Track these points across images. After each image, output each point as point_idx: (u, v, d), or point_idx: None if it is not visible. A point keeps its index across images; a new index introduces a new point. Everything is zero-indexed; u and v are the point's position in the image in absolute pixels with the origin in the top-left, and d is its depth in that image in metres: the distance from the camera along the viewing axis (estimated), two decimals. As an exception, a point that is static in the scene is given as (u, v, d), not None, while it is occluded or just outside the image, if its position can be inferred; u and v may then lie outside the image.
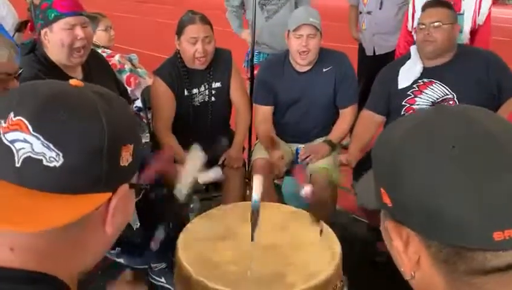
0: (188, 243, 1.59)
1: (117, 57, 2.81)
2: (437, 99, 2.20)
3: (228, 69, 2.43)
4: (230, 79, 2.44)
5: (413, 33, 2.88)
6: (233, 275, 1.44)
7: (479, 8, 2.68)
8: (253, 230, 1.44)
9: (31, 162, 0.55)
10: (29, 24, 3.79)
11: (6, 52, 1.28)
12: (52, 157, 0.55)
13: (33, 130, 0.55)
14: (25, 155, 0.55)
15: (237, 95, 2.50)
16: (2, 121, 0.57)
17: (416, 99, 2.25)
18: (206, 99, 2.41)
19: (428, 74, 2.23)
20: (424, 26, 2.17)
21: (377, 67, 3.24)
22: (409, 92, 2.25)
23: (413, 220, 0.54)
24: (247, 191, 2.47)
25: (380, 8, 3.39)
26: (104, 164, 0.58)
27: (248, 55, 3.27)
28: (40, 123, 0.56)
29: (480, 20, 2.67)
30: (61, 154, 0.56)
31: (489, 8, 2.70)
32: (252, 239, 1.44)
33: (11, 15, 3.60)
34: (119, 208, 0.63)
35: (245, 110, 2.54)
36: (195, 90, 2.39)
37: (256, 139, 2.80)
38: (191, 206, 2.58)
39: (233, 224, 1.72)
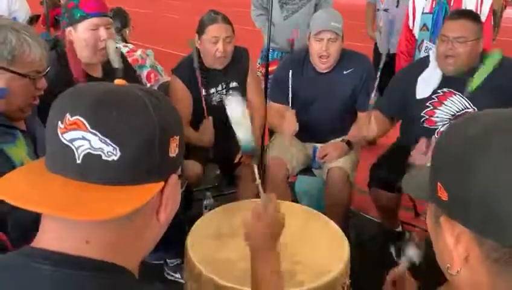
0: (197, 241, 1.60)
1: (139, 52, 2.84)
2: (457, 112, 2.13)
3: (245, 68, 2.45)
4: (246, 78, 2.46)
5: (414, 31, 2.86)
6: (243, 272, 1.43)
7: (481, 4, 2.65)
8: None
9: (91, 158, 0.59)
10: (40, 18, 3.84)
11: (39, 51, 1.31)
12: (110, 152, 0.59)
13: (91, 128, 0.59)
14: (85, 152, 0.59)
15: (253, 93, 2.52)
16: (59, 123, 0.60)
17: (435, 111, 2.18)
18: (223, 99, 2.44)
19: (448, 83, 2.14)
20: (446, 38, 2.04)
21: (390, 66, 3.26)
22: (428, 104, 2.18)
23: (471, 218, 0.53)
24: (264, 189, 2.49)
25: (397, 6, 3.37)
26: (156, 155, 0.62)
27: (263, 52, 3.29)
28: (97, 120, 0.59)
29: (482, 18, 2.63)
30: (118, 148, 0.59)
31: (490, 10, 2.67)
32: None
33: (23, 9, 3.64)
34: (170, 197, 0.67)
35: (260, 108, 2.56)
36: (212, 90, 2.41)
37: (270, 137, 2.82)
38: (204, 202, 2.61)
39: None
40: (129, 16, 3.05)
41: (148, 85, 2.75)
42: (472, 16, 2.09)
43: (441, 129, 2.18)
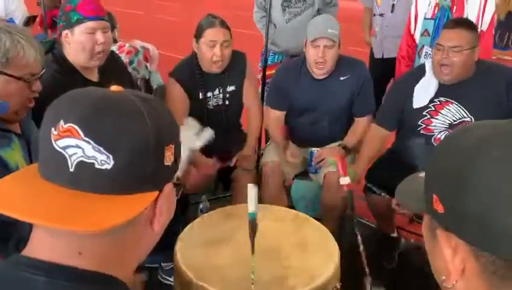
0: (187, 248, 1.58)
1: (127, 44, 2.89)
2: (454, 121, 2.13)
3: (243, 72, 2.44)
4: (244, 82, 2.46)
5: (415, 36, 2.85)
6: (233, 279, 1.44)
7: (483, 13, 2.65)
8: (252, 242, 1.46)
9: (84, 166, 0.58)
10: (37, 19, 3.83)
11: (33, 53, 1.31)
12: (103, 161, 0.58)
13: (84, 135, 0.57)
14: (78, 160, 0.58)
15: (250, 97, 2.52)
16: (53, 129, 0.59)
17: (432, 120, 2.17)
18: (220, 103, 2.43)
19: (444, 92, 2.14)
20: (442, 47, 2.05)
21: (384, 71, 3.26)
22: (424, 112, 2.18)
23: (467, 231, 0.53)
24: (260, 193, 2.49)
25: (392, 11, 3.38)
26: (151, 164, 0.61)
27: (263, 55, 3.29)
28: (90, 128, 0.58)
29: (483, 27, 2.63)
30: (111, 156, 0.58)
31: (491, 18, 2.66)
32: (252, 252, 1.44)
33: (20, 9, 3.63)
34: (165, 206, 0.66)
35: (257, 112, 2.57)
36: (209, 94, 2.40)
37: (266, 142, 2.82)
38: (200, 206, 2.60)
39: (232, 227, 1.70)
40: (115, 17, 3.09)
41: (148, 65, 2.79)
42: (468, 24, 2.08)
43: (438, 136, 2.18)
